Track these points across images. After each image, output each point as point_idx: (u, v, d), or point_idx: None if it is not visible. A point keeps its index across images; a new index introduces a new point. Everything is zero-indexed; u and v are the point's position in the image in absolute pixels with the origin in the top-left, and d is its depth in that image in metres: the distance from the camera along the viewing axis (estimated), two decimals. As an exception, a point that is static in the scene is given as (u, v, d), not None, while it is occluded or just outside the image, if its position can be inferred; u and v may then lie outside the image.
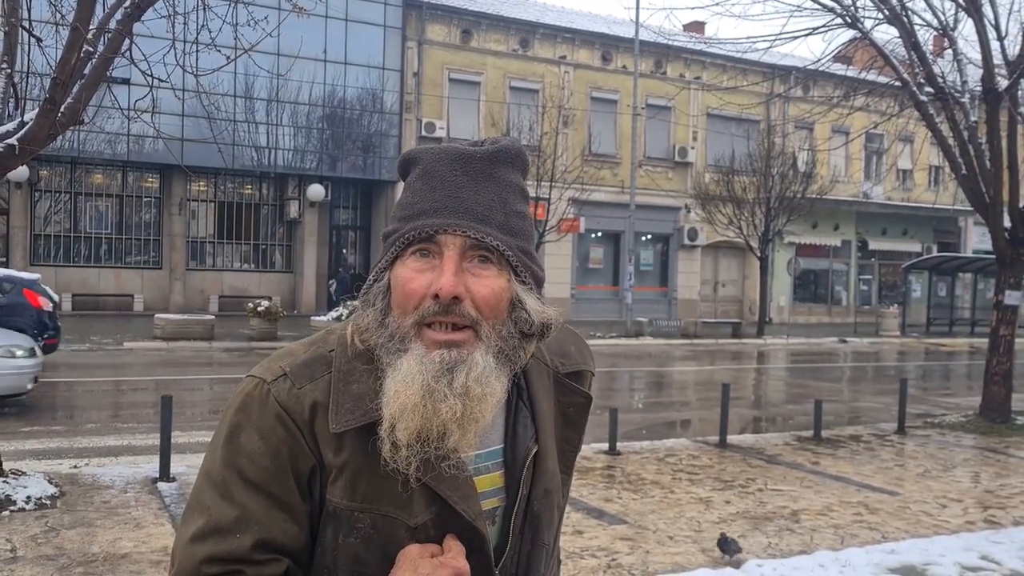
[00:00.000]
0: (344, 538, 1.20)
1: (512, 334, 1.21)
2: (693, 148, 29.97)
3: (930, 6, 11.20)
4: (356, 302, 1.29)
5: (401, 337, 1.18)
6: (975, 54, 11.15)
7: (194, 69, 6.88)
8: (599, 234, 29.01)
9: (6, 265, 22.01)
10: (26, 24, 6.49)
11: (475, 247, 1.18)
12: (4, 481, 6.22)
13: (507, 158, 1.24)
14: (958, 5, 10.94)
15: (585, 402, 1.41)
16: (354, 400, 1.20)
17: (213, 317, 19.63)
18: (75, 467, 7.35)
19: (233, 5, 7.25)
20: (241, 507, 1.19)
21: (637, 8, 24.87)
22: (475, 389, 1.16)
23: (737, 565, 5.27)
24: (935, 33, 11.60)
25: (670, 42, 21.47)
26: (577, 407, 1.40)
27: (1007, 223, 11.06)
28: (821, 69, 13.26)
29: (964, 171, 11.01)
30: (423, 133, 25.39)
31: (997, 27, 10.96)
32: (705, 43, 20.06)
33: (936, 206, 32.13)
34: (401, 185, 1.32)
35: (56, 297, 14.66)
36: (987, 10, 10.81)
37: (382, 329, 1.20)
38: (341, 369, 1.23)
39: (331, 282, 26.19)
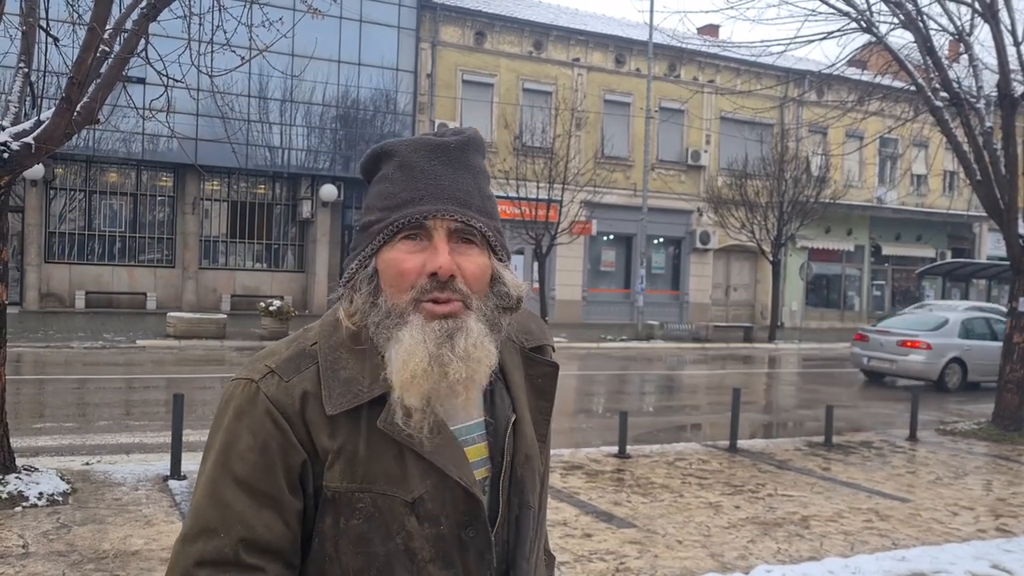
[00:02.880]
0: (346, 521, 1.25)
1: (494, 306, 1.32)
2: (706, 151, 29.90)
3: (946, 11, 11.15)
4: (339, 289, 1.35)
5: (399, 312, 1.26)
6: (991, 59, 11.10)
7: (209, 69, 6.92)
8: (611, 237, 28.97)
9: (22, 262, 22.18)
10: (43, 24, 6.54)
11: (460, 230, 1.28)
12: (17, 477, 6.26)
13: (475, 146, 1.35)
14: (974, 10, 10.88)
15: (552, 371, 1.48)
16: (343, 385, 1.26)
17: (225, 316, 19.70)
18: (87, 464, 7.39)
19: (248, 6, 7.28)
20: (227, 506, 1.23)
21: (651, 11, 24.83)
22: (474, 353, 1.25)
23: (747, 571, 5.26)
24: (951, 38, 11.54)
25: (684, 45, 21.38)
26: (545, 376, 1.47)
27: (1022, 229, 10.99)
28: (836, 73, 13.19)
29: (979, 177, 10.95)
30: (436, 134, 25.38)
31: (1014, 32, 10.91)
32: (719, 46, 19.99)
33: (950, 212, 31.93)
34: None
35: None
36: (1004, 15, 10.76)
37: (376, 309, 1.28)
38: (327, 359, 1.29)
39: None
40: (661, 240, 29.81)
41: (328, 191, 24.62)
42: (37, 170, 19.76)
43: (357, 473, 1.25)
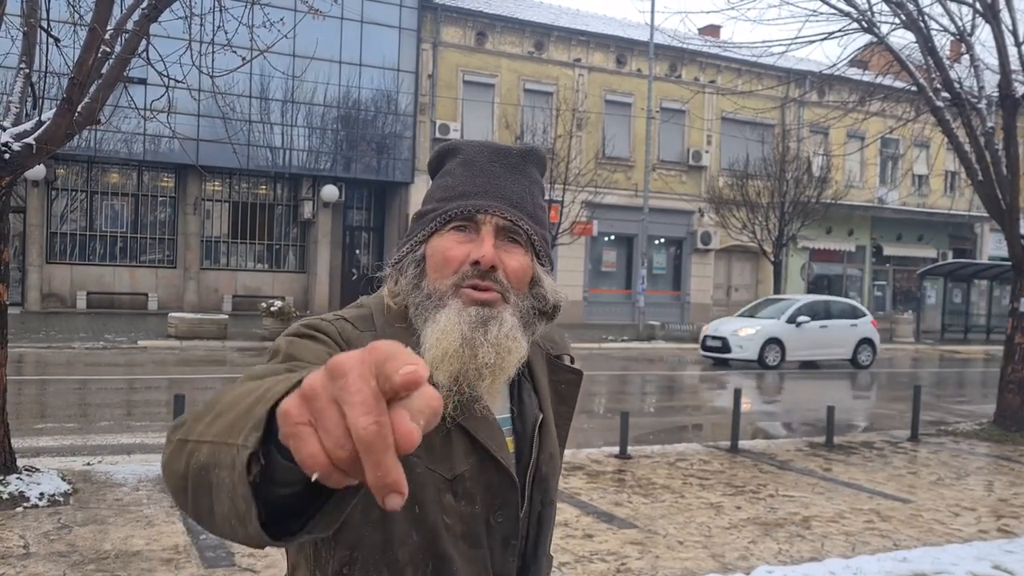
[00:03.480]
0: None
1: (531, 307, 1.37)
2: (707, 152, 29.89)
3: (947, 11, 11.14)
4: (387, 270, 1.40)
5: (440, 296, 1.31)
6: (992, 60, 11.08)
7: (210, 70, 6.92)
8: (612, 237, 28.96)
9: (24, 263, 22.19)
10: (44, 24, 6.55)
11: (507, 228, 1.34)
12: (18, 477, 6.27)
13: (535, 159, 1.43)
14: (975, 11, 10.88)
15: (576, 378, 1.53)
16: None
17: (227, 316, 19.71)
18: (88, 464, 7.40)
19: (249, 6, 7.28)
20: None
21: (652, 11, 24.80)
22: (504, 342, 1.28)
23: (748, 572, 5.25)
24: (952, 38, 11.53)
25: (685, 45, 21.39)
26: (568, 383, 1.52)
27: (1023, 230, 10.99)
28: (837, 73, 13.17)
29: (980, 177, 10.94)
30: (437, 135, 25.43)
31: (1015, 33, 10.90)
32: (720, 47, 19.98)
33: (952, 212, 31.90)
34: (417, 185, 1.39)
35: None
36: (1005, 16, 10.75)
37: (418, 291, 1.33)
38: (383, 328, 1.33)
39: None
40: (662, 241, 29.80)
41: (329, 192, 24.63)
42: (38, 171, 19.78)
43: None
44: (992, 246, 34.97)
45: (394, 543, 1.26)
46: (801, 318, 18.96)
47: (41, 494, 6.09)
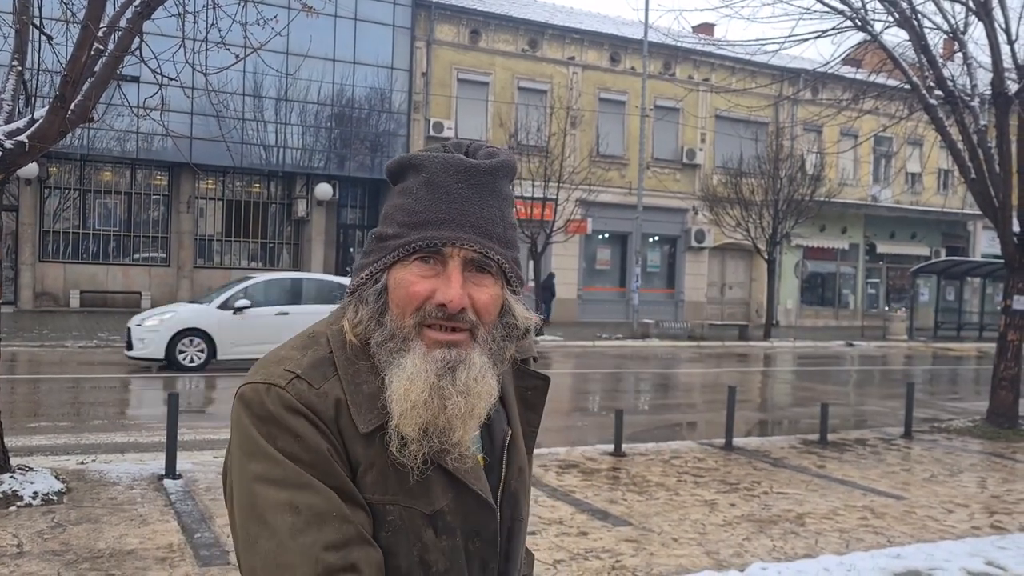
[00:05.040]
0: (376, 531, 1.21)
1: (501, 336, 1.29)
2: (701, 150, 29.93)
3: (940, 9, 11.17)
4: (344, 299, 1.32)
5: (403, 336, 1.22)
6: (985, 58, 11.11)
7: (203, 67, 6.90)
8: (606, 235, 28.99)
9: (16, 261, 22.12)
10: (37, 22, 6.53)
11: (476, 260, 1.24)
12: (11, 477, 6.24)
13: (505, 172, 1.29)
14: (968, 9, 10.90)
15: (543, 384, 1.48)
16: (368, 400, 1.23)
17: (220, 315, 19.61)
18: (82, 463, 7.38)
19: (243, 4, 7.27)
20: (325, 494, 1.16)
21: (646, 9, 24.81)
22: (474, 387, 1.22)
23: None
24: (945, 36, 11.56)
25: (679, 44, 21.46)
26: (535, 389, 1.47)
27: (1016, 227, 11.02)
28: (830, 72, 13.21)
29: (973, 175, 10.97)
30: (431, 133, 25.42)
31: (1007, 31, 10.92)
32: (714, 45, 20.01)
33: (945, 210, 32.04)
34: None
35: None
36: (997, 14, 10.78)
37: (380, 328, 1.24)
38: (347, 370, 1.24)
39: None
40: (656, 238, 29.83)
41: (323, 190, 24.60)
42: (31, 169, 19.73)
43: (389, 485, 1.22)
44: (985, 244, 35.11)
45: None
46: (242, 302, 14.17)
47: (35, 493, 6.07)
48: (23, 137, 6.10)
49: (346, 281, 14.20)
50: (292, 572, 1.11)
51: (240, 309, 14.08)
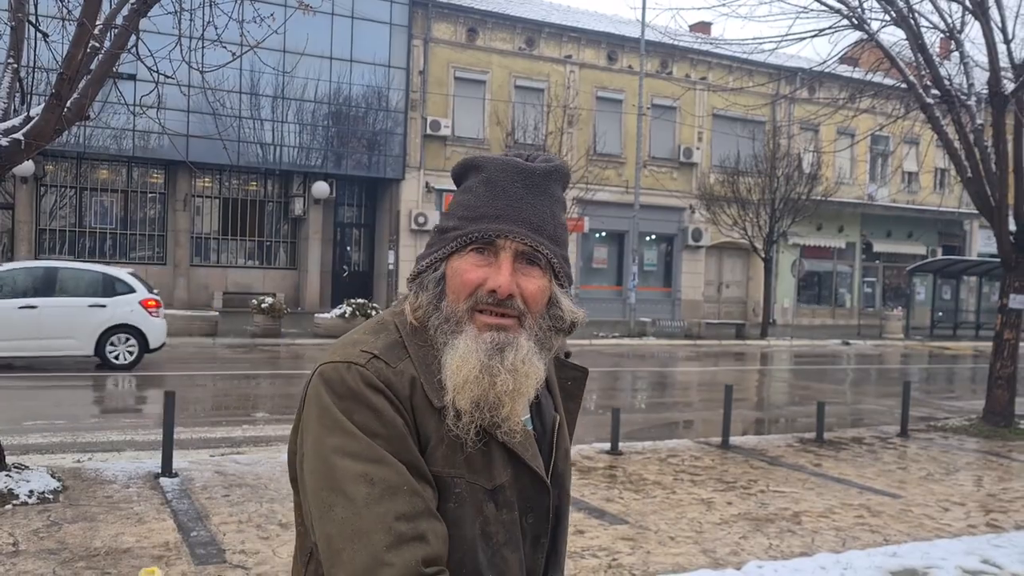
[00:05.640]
0: (443, 503, 1.32)
1: (548, 327, 1.40)
2: (698, 149, 29.94)
3: (937, 8, 11.17)
4: (408, 286, 1.43)
5: (457, 319, 1.34)
6: (982, 57, 11.12)
7: (200, 65, 6.89)
8: (603, 234, 28.99)
9: (12, 260, 22.06)
10: (32, 19, 6.51)
11: (526, 252, 1.35)
12: (7, 475, 6.23)
13: (559, 176, 1.42)
14: (965, 8, 10.91)
15: (582, 375, 1.59)
16: (439, 379, 1.34)
17: (217, 313, 19.66)
18: (78, 461, 7.37)
19: (239, 1, 7.25)
20: (397, 468, 1.26)
21: (643, 8, 24.78)
22: (521, 367, 1.33)
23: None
24: (942, 36, 11.56)
25: (676, 42, 21.46)
26: (574, 380, 1.59)
27: (1012, 227, 11.04)
28: (827, 71, 13.20)
29: (970, 174, 10.98)
30: (428, 131, 25.40)
31: (1004, 30, 10.93)
32: (711, 43, 20.03)
33: (941, 209, 32.06)
34: (407, 181, 1.38)
35: None
36: (994, 13, 10.79)
37: (437, 312, 1.36)
38: (417, 352, 1.36)
39: None
40: (653, 237, 29.84)
41: (320, 188, 24.57)
42: (27, 167, 19.69)
43: (457, 460, 1.32)
44: (981, 243, 35.17)
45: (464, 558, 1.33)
46: None
47: (31, 491, 6.06)
48: (19, 135, 6.08)
49: (121, 273, 13.56)
50: (367, 538, 1.22)
51: None
